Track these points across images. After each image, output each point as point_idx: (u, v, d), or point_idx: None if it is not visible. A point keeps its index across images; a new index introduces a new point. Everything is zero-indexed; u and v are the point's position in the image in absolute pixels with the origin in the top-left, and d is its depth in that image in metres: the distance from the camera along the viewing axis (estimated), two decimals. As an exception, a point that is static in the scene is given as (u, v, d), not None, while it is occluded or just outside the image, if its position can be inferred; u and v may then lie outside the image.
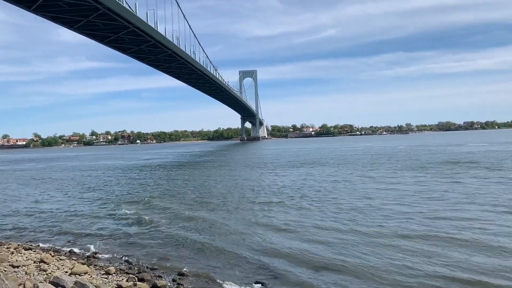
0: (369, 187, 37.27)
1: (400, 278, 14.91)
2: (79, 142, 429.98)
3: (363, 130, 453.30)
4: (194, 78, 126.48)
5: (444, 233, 20.10)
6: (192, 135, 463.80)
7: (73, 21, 65.98)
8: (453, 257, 16.63)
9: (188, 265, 17.54)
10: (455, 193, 31.59)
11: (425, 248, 17.95)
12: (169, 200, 35.10)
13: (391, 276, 15.13)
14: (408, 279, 14.77)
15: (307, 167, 63.13)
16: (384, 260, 16.78)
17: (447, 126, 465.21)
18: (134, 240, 22.25)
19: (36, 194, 43.77)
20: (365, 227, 22.21)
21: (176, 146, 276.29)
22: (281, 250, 18.96)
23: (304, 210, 27.91)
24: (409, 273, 15.31)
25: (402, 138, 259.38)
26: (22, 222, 28.60)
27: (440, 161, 61.67)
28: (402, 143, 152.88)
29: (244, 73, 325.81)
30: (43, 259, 18.21)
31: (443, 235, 19.77)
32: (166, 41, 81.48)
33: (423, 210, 25.88)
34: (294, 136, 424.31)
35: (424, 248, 17.96)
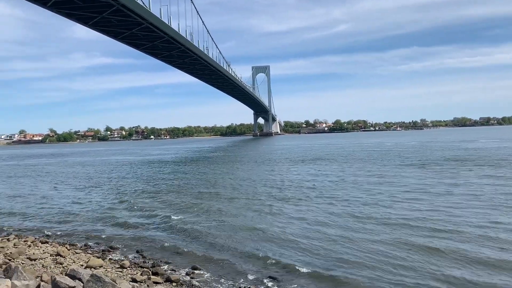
0: (371, 183, 37.03)
1: (413, 274, 14.82)
2: (94, 137, 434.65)
3: (377, 126, 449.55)
4: (207, 74, 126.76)
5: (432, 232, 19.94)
6: (205, 130, 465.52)
7: (87, 18, 66.61)
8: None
9: (201, 259, 17.68)
10: (449, 192, 30.42)
11: (420, 248, 17.82)
12: (181, 195, 35.34)
13: (405, 271, 15.05)
14: (426, 276, 14.69)
15: (313, 163, 62.94)
16: (394, 255, 16.70)
17: (462, 121, 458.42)
18: (147, 234, 22.49)
19: (50, 189, 44.47)
20: (375, 221, 22.12)
21: (189, 142, 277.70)
22: (294, 245, 18.98)
23: (316, 205, 27.85)
24: (426, 270, 15.22)
25: (415, 134, 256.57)
26: (37, 216, 29.09)
27: (446, 158, 60.59)
28: (413, 139, 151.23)
29: (257, 69, 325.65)
30: (59, 252, 18.55)
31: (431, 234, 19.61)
32: (179, 37, 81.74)
33: (414, 207, 25.67)
34: (307, 131, 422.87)
35: (419, 248, 17.83)
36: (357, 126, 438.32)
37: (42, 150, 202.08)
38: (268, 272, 15.78)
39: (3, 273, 11.36)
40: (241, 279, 15.28)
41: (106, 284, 9.95)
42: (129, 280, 14.72)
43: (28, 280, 10.57)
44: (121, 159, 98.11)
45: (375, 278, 14.70)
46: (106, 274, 15.17)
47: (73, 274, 11.05)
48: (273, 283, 14.82)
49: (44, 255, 18.45)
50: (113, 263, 17.49)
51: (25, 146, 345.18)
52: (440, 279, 14.27)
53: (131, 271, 16.24)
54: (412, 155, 70.34)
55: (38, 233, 24.06)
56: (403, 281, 14.28)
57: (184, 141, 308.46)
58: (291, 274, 15.57)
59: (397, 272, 15.09)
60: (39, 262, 17.55)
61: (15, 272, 10.86)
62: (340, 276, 15.09)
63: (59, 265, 17.09)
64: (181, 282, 15.06)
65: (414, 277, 14.53)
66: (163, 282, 15.04)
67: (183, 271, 16.42)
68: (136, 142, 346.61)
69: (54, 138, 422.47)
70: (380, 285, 14.09)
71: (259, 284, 14.74)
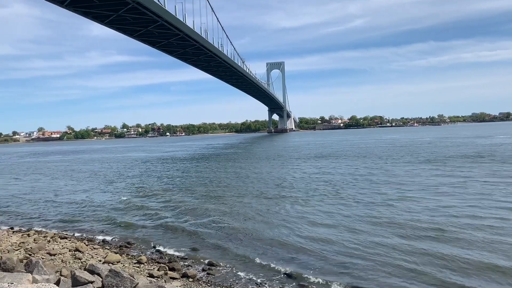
0: (379, 182, 36.65)
1: (433, 270, 14.65)
2: (110, 134, 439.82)
3: (393, 121, 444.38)
4: (222, 70, 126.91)
5: (436, 229, 19.64)
6: (220, 127, 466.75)
7: (103, 16, 67.24)
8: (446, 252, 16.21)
9: (217, 255, 17.77)
10: (459, 192, 29.58)
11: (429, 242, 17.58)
12: (196, 192, 35.52)
13: (421, 268, 14.90)
14: (442, 272, 14.52)
15: (324, 160, 62.57)
16: (410, 252, 16.54)
17: (481, 117, 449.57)
18: (163, 230, 22.69)
19: (67, 185, 45.15)
20: (385, 220, 21.93)
21: (204, 139, 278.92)
22: (309, 243, 18.93)
23: (331, 204, 27.74)
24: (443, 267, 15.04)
25: (432, 130, 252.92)
26: (55, 212, 29.62)
27: (458, 154, 59.35)
28: (429, 135, 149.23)
29: (271, 65, 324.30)
30: (78, 247, 18.85)
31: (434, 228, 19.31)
32: (194, 34, 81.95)
33: (414, 204, 25.36)
34: (322, 128, 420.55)
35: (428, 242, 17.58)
36: (373, 122, 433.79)
37: (59, 147, 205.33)
38: (284, 269, 15.77)
39: (24, 267, 11.60)
40: (257, 275, 15.31)
41: (124, 279, 10.07)
42: (146, 276, 14.88)
43: (48, 275, 10.76)
44: (136, 156, 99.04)
45: (390, 275, 14.60)
46: (124, 269, 15.37)
47: (92, 269, 11.21)
48: (288, 279, 14.82)
49: (63, 250, 18.78)
50: (131, 258, 17.70)
51: (43, 143, 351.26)
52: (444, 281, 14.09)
53: (148, 267, 16.42)
54: (424, 152, 69.33)
55: (57, 228, 24.49)
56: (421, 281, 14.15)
57: (199, 138, 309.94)
58: (307, 270, 15.53)
59: (418, 273, 14.94)
60: (58, 257, 17.88)
61: (35, 267, 11.08)
62: (355, 274, 15.01)
63: (78, 260, 17.38)
64: (198, 278, 15.17)
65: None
66: (180, 277, 15.16)
67: (200, 266, 16.53)
68: (152, 139, 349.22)
69: (71, 136, 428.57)
70: (394, 281, 13.99)
71: (274, 280, 14.75)
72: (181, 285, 14.14)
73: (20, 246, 19.72)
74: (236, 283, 14.63)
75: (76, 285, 9.98)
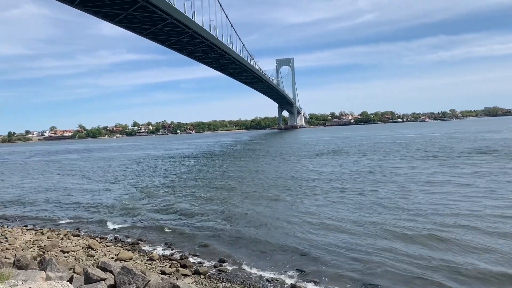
0: (380, 177, 36.38)
1: (442, 273, 14.52)
2: (121, 133, 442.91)
3: (404, 117, 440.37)
4: (231, 67, 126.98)
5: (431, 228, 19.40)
6: (230, 124, 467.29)
7: (113, 15, 67.65)
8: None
9: (228, 252, 17.79)
10: (454, 186, 29.63)
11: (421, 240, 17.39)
12: (205, 189, 35.61)
13: (423, 268, 14.77)
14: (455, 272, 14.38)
15: (331, 157, 62.31)
16: (411, 251, 16.41)
17: (494, 111, 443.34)
18: (175, 227, 22.76)
19: (77, 183, 45.56)
20: (391, 217, 21.77)
21: (214, 136, 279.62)
22: (320, 238, 18.87)
23: (341, 199, 27.63)
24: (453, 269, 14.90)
25: (443, 125, 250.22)
26: (68, 210, 29.93)
27: (466, 150, 58.43)
28: (439, 130, 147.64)
29: (280, 62, 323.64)
30: (91, 245, 19.02)
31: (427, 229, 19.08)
32: (203, 32, 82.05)
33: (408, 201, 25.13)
34: (332, 124, 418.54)
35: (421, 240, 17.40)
36: (384, 118, 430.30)
37: (70, 146, 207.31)
38: (295, 265, 15.75)
39: (38, 265, 11.73)
40: (269, 271, 15.29)
41: (136, 276, 10.12)
42: (158, 272, 14.96)
43: (61, 272, 10.87)
44: (145, 154, 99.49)
45: (401, 276, 14.49)
46: (136, 266, 15.47)
47: (104, 266, 11.29)
48: (300, 275, 14.79)
49: (76, 248, 18.97)
50: (143, 255, 17.81)
51: (55, 142, 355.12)
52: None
53: (160, 264, 16.50)
54: (433, 147, 68.95)
55: (70, 226, 24.73)
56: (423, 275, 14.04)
57: (209, 135, 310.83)
58: (319, 267, 15.48)
59: (421, 272, 14.82)
60: (71, 254, 18.06)
61: (49, 264, 11.19)
62: (369, 270, 14.93)
63: (91, 257, 17.54)
64: (209, 274, 15.21)
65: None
66: (192, 274, 15.22)
67: (211, 263, 16.57)
68: (163, 137, 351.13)
69: (83, 134, 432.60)
70: (407, 278, 13.89)
71: (286, 277, 14.72)
72: (193, 282, 14.18)
73: (34, 244, 19.96)
74: (248, 280, 14.63)
75: (89, 282, 10.05)
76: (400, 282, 13.71)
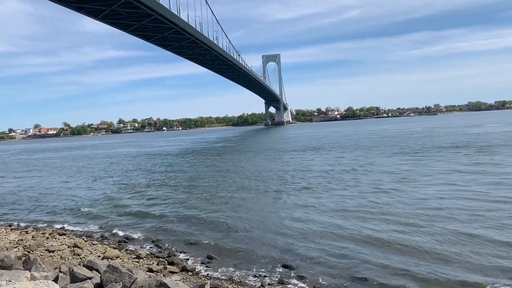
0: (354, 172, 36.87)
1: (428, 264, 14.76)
2: (107, 130, 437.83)
3: (390, 112, 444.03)
4: (218, 64, 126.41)
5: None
6: (217, 121, 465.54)
7: (97, 11, 66.67)
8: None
9: (216, 249, 17.80)
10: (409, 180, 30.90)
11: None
12: (192, 187, 35.52)
13: (416, 258, 15.01)
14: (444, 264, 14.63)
15: (313, 152, 62.78)
16: (404, 243, 16.66)
17: (477, 106, 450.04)
18: (162, 225, 22.68)
19: (61, 182, 44.99)
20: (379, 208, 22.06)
21: (201, 133, 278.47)
22: (307, 234, 19.00)
23: (323, 194, 27.88)
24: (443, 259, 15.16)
25: (426, 119, 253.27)
26: (53, 209, 29.52)
27: (437, 145, 59.65)
28: (421, 125, 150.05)
29: (267, 58, 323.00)
30: (77, 244, 18.83)
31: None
32: (189, 28, 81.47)
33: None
34: (319, 120, 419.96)
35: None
36: (370, 113, 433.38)
37: (53, 144, 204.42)
38: (283, 261, 15.82)
39: (23, 264, 11.57)
40: (256, 268, 15.35)
41: (123, 274, 10.05)
42: (145, 270, 14.89)
43: (47, 272, 10.76)
44: (129, 152, 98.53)
45: (386, 265, 14.68)
46: (123, 264, 15.36)
47: (90, 265, 11.19)
48: (287, 271, 14.87)
49: (62, 247, 18.75)
50: (130, 253, 17.70)
51: (40, 140, 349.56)
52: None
53: (147, 261, 16.43)
54: (410, 142, 70.71)
55: (55, 225, 24.42)
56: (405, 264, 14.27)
57: (196, 132, 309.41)
58: (306, 262, 15.59)
59: (412, 263, 15.05)
60: (57, 253, 17.86)
61: (34, 264, 11.06)
62: (355, 264, 15.08)
63: (77, 256, 17.37)
64: (197, 271, 15.20)
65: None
66: (179, 271, 15.19)
67: (199, 260, 16.55)
68: (149, 134, 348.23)
69: (68, 132, 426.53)
70: (391, 270, 14.08)
71: (274, 273, 14.79)
72: (181, 279, 14.14)
73: (19, 243, 19.67)
74: (236, 276, 14.65)
75: (74, 281, 9.96)
76: (386, 275, 13.87)
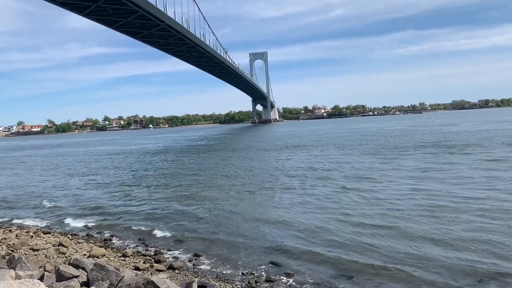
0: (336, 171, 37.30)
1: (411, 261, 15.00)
2: (92, 127, 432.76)
3: (375, 110, 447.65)
4: (204, 61, 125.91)
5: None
6: (204, 118, 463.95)
7: (82, 7, 65.83)
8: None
9: (203, 246, 17.80)
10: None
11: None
12: (177, 184, 35.33)
13: (401, 256, 15.23)
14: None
15: (294, 151, 63.19)
16: (391, 238, 16.90)
17: (461, 104, 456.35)
18: (148, 223, 22.56)
19: (44, 180, 44.42)
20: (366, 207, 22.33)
21: (187, 130, 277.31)
22: (294, 230, 19.11)
23: (306, 193, 28.08)
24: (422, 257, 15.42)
25: (410, 118, 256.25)
26: (36, 207, 29.17)
27: (409, 144, 59.97)
28: (401, 124, 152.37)
29: (254, 55, 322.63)
30: (62, 242, 18.62)
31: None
32: (175, 25, 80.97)
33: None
34: (305, 118, 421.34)
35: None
36: (356, 111, 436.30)
37: (35, 142, 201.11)
38: (270, 258, 15.89)
39: (7, 263, 11.42)
40: (243, 265, 15.39)
41: (109, 272, 10.00)
42: (132, 268, 14.81)
43: (32, 270, 10.63)
44: (111, 150, 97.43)
45: (377, 263, 14.86)
46: (109, 263, 15.26)
47: (76, 263, 11.10)
48: (275, 268, 14.93)
49: (46, 246, 18.53)
50: (116, 251, 17.58)
51: (23, 137, 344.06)
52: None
53: (133, 260, 16.34)
54: (382, 140, 72.09)
55: (39, 223, 24.13)
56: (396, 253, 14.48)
57: (182, 130, 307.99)
58: (293, 259, 15.68)
59: (401, 261, 15.26)
60: (42, 252, 17.65)
61: (18, 263, 10.92)
62: (341, 259, 15.22)
63: (62, 255, 17.18)
64: (184, 269, 15.18)
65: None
66: (166, 269, 15.15)
67: (186, 258, 16.53)
68: (134, 132, 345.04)
69: (52, 129, 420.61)
70: (379, 264, 14.26)
71: (261, 269, 14.84)
72: (168, 277, 14.11)
73: (2, 242, 19.35)
74: (223, 273, 14.67)
75: (60, 280, 9.87)
76: (372, 271, 14.03)
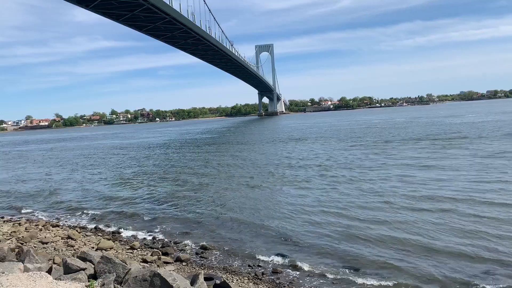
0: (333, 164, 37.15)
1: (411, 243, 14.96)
2: (99, 121, 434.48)
3: (383, 102, 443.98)
4: (210, 54, 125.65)
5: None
6: (210, 111, 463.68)
7: (88, 1, 65.95)
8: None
9: (210, 239, 17.87)
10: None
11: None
12: (184, 177, 35.49)
13: (404, 242, 15.20)
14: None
15: (300, 143, 63.01)
16: (397, 227, 16.86)
17: (469, 95, 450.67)
18: (156, 216, 22.68)
19: (52, 174, 44.76)
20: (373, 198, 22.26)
21: (194, 123, 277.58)
22: (301, 223, 19.14)
23: (317, 183, 28.02)
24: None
25: (417, 109, 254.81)
26: (45, 201, 29.45)
27: (409, 136, 60.19)
28: (405, 115, 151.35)
29: (260, 48, 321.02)
30: (70, 235, 18.80)
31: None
32: (181, 18, 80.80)
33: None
34: (312, 110, 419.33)
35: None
36: (363, 103, 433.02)
37: (42, 136, 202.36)
38: (276, 249, 15.93)
39: (16, 256, 11.54)
40: (250, 257, 15.44)
41: (116, 265, 10.06)
42: (139, 261, 14.92)
43: (40, 263, 10.72)
44: (118, 143, 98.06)
45: (381, 253, 14.84)
46: (117, 255, 15.39)
47: (84, 256, 11.18)
48: (281, 260, 14.96)
49: (55, 238, 18.72)
50: (123, 244, 17.71)
51: (31, 131, 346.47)
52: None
53: (141, 252, 16.46)
54: (383, 132, 72.05)
55: (48, 217, 24.35)
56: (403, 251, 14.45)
57: (189, 123, 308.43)
58: (299, 251, 15.71)
59: (404, 248, 15.23)
60: (50, 245, 17.83)
61: (27, 256, 11.02)
62: (347, 251, 15.23)
63: (71, 247, 17.35)
64: (191, 261, 15.26)
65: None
66: (173, 262, 15.24)
67: (193, 250, 16.61)
68: (141, 125, 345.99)
69: (60, 123, 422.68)
70: (386, 259, 14.24)
71: (268, 261, 14.89)
72: (175, 269, 14.20)
73: (12, 235, 19.59)
74: (230, 266, 14.73)
75: (68, 272, 9.95)
76: (377, 264, 14.03)
